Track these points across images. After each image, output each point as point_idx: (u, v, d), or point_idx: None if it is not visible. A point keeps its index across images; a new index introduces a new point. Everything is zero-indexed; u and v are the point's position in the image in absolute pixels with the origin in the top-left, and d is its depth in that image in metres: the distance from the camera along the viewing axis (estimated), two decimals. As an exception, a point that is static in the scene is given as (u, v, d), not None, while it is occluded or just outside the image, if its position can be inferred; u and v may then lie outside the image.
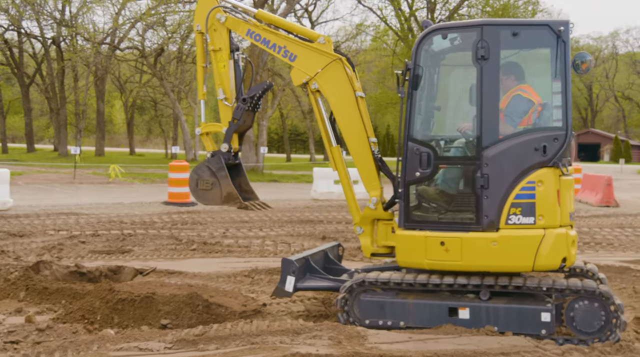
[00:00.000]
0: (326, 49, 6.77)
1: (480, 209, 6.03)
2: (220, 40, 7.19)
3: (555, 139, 6.00)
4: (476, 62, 6.04)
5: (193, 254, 10.51)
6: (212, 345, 5.32)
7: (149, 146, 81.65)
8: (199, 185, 7.24)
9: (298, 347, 5.21)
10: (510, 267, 6.02)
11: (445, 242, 6.05)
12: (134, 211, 15.99)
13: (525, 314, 5.91)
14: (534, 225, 5.95)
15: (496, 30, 6.06)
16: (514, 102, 6.28)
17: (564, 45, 6.02)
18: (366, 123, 6.75)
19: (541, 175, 5.95)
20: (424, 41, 6.25)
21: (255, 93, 7.22)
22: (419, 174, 6.21)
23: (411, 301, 6.13)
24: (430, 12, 38.59)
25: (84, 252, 10.26)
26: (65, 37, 45.57)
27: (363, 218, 6.80)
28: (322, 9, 58.44)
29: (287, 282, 6.62)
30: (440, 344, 5.50)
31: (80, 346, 5.37)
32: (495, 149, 6.02)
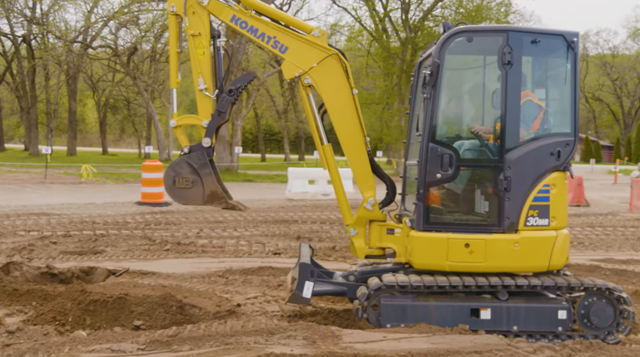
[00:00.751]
0: (321, 43, 6.51)
1: (502, 211, 6.19)
2: (200, 25, 6.63)
3: (567, 145, 6.29)
4: (502, 67, 6.17)
5: (167, 254, 10.43)
6: (185, 346, 5.28)
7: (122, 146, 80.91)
8: (176, 183, 6.66)
9: (272, 347, 5.20)
10: (529, 267, 6.27)
11: (470, 244, 6.16)
12: (106, 211, 15.83)
13: (544, 312, 6.16)
14: (548, 226, 6.23)
15: (520, 36, 6.21)
16: (526, 107, 6.40)
17: (574, 55, 6.30)
18: (361, 121, 6.66)
19: (554, 179, 6.26)
20: (448, 42, 6.26)
21: (240, 84, 6.73)
22: (440, 176, 6.25)
23: (433, 303, 6.18)
24: (404, 12, 38.71)
25: (56, 253, 10.14)
26: (36, 35, 44.95)
27: (358, 219, 6.73)
28: (296, 9, 58.32)
29: (305, 287, 6.37)
30: (414, 343, 5.53)
31: (51, 348, 5.30)
32: (517, 152, 6.20)
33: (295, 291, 6.39)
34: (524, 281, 6.16)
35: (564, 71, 6.40)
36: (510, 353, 5.29)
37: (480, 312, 6.13)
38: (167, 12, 6.83)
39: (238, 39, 29.99)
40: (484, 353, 5.27)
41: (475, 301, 6.21)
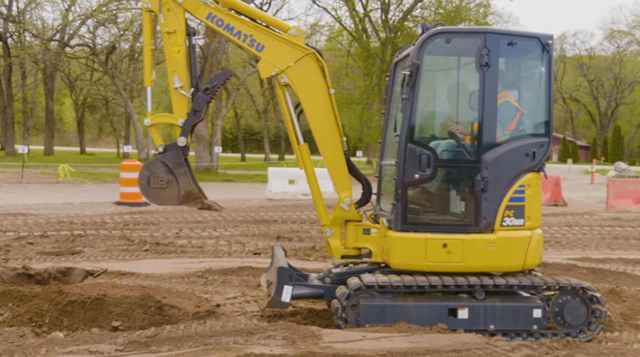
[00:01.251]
0: (298, 41, 6.48)
1: (479, 211, 6.26)
2: (175, 22, 6.53)
3: (541, 146, 6.39)
4: (479, 68, 6.23)
5: (145, 254, 10.37)
6: (164, 347, 5.26)
7: (100, 145, 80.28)
8: (151, 183, 6.55)
9: (252, 347, 5.19)
10: (505, 267, 6.36)
11: (447, 244, 6.20)
12: (84, 211, 15.69)
13: (519, 311, 6.26)
14: (523, 226, 6.33)
15: (497, 38, 6.27)
16: (503, 108, 6.45)
17: (549, 57, 6.40)
18: (338, 121, 6.64)
19: (529, 180, 6.36)
20: (427, 43, 6.28)
21: (217, 83, 6.66)
22: (418, 176, 6.27)
23: (411, 303, 6.21)
24: (384, 13, 38.84)
25: (32, 254, 10.04)
26: (13, 33, 44.38)
27: (334, 219, 6.71)
28: (276, 9, 58.23)
29: (284, 292, 6.30)
30: (393, 342, 5.55)
31: (27, 350, 5.24)
32: (494, 153, 6.27)
33: (274, 295, 6.32)
34: (502, 280, 6.23)
35: (538, 73, 6.50)
36: (488, 352, 5.33)
37: (458, 311, 6.19)
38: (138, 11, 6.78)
39: (218, 39, 29.88)
40: (462, 352, 5.31)
41: (453, 301, 6.27)
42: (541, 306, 6.27)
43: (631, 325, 6.83)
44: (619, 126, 78.89)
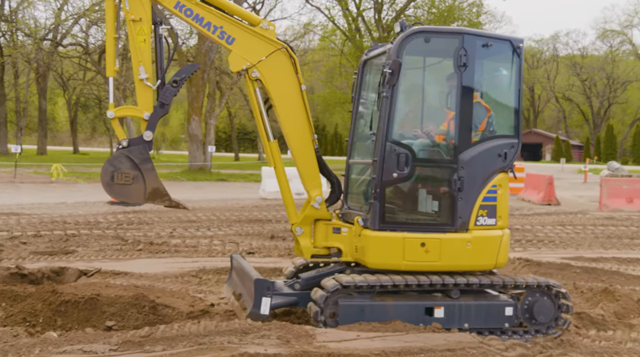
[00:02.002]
0: (269, 35, 6.34)
1: (455, 210, 6.29)
2: (141, 10, 6.25)
3: (512, 146, 6.47)
4: (457, 69, 6.25)
5: (139, 254, 10.35)
6: (158, 346, 5.25)
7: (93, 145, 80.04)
8: (115, 178, 6.22)
9: (246, 347, 5.19)
10: (479, 265, 6.41)
11: (425, 243, 6.21)
12: (77, 210, 15.65)
13: (492, 310, 6.33)
14: (495, 226, 6.39)
15: (474, 39, 6.31)
16: (474, 108, 6.43)
17: (518, 60, 6.48)
18: (309, 118, 6.56)
19: (500, 180, 6.43)
20: (405, 42, 6.23)
21: (185, 75, 6.40)
22: (396, 175, 6.25)
23: (390, 303, 6.20)
24: (377, 12, 38.93)
25: (26, 254, 10.02)
26: (5, 32, 44.21)
27: (305, 218, 6.62)
28: (270, 8, 58.18)
29: (263, 304, 6.17)
30: (387, 341, 5.56)
31: (21, 350, 5.23)
32: (469, 153, 6.31)
33: (253, 308, 6.16)
34: (475, 279, 6.29)
35: (509, 75, 6.58)
36: (482, 351, 5.35)
37: (434, 310, 6.22)
38: None
39: (207, 46, 29.86)
40: (456, 351, 5.32)
41: (429, 300, 6.32)
42: (512, 304, 6.35)
43: (624, 324, 6.87)
44: (611, 125, 79.18)
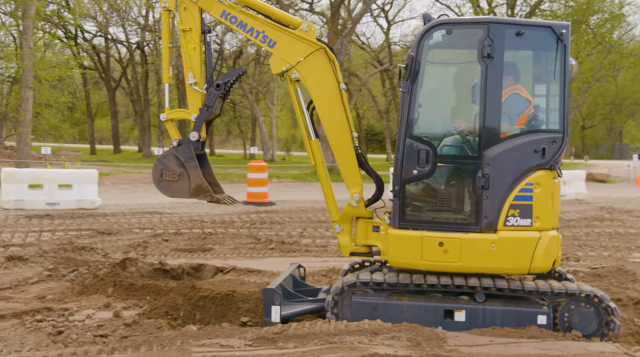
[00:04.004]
0: (309, 37, 6.44)
1: (480, 209, 5.96)
2: (191, 20, 6.68)
3: (553, 142, 5.97)
4: (481, 60, 5.93)
5: (271, 253, 10.64)
6: (291, 343, 5.37)
7: (228, 147, 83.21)
8: (164, 175, 6.71)
9: (376, 347, 5.19)
10: (507, 269, 6.00)
11: (444, 243, 5.95)
12: (214, 210, 16.33)
13: (522, 316, 5.88)
14: (531, 227, 5.93)
15: (502, 28, 5.95)
16: (512, 101, 6.13)
17: (564, 48, 5.97)
18: (348, 116, 6.54)
19: (539, 178, 5.95)
20: (426, 35, 6.06)
21: (229, 79, 6.74)
22: (417, 172, 6.06)
23: (406, 303, 6.04)
24: (510, 8, 37.67)
25: (167, 250, 10.56)
26: (149, 41, 47.06)
27: (343, 216, 6.60)
28: (398, 8, 58.06)
29: (273, 312, 6.24)
30: (522, 348, 5.36)
31: (164, 341, 5.52)
32: (497, 149, 5.94)
33: (265, 317, 6.25)
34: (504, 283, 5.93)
35: (552, 65, 6.03)
36: (626, 362, 5.04)
37: (454, 313, 5.92)
38: None
39: (340, 40, 30.18)
40: (597, 361, 5.05)
41: (451, 302, 6.00)
42: (546, 312, 5.85)
43: None
44: None
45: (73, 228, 12.63)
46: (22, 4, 25.94)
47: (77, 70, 41.12)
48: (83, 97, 54.14)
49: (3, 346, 5.59)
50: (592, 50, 40.93)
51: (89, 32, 48.23)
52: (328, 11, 35.74)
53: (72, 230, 12.42)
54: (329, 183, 6.70)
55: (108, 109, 56.48)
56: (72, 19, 38.76)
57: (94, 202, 16.18)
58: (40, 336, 5.85)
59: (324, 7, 50.11)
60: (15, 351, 5.46)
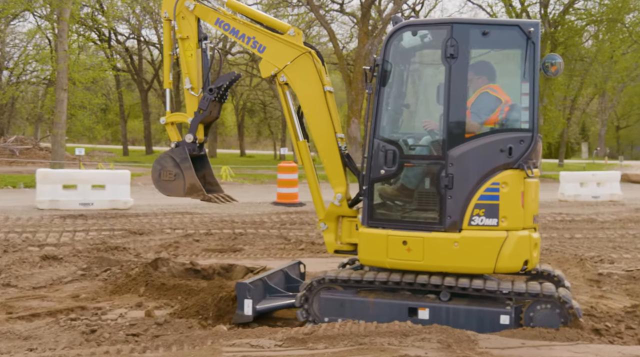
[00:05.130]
0: (296, 42, 6.66)
1: (444, 209, 5.98)
2: (188, 29, 7.03)
3: (521, 141, 5.94)
4: (445, 60, 5.97)
5: (301, 253, 10.65)
6: (320, 344, 5.37)
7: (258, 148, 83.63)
8: (161, 176, 7.04)
9: (407, 349, 5.16)
10: (471, 268, 6.01)
11: (407, 242, 6.01)
12: (244, 210, 16.43)
13: (485, 316, 5.87)
14: (497, 227, 5.91)
15: (466, 28, 5.98)
16: (481, 100, 6.15)
17: (533, 46, 5.94)
18: (334, 118, 6.64)
19: (506, 177, 5.92)
20: (393, 37, 6.17)
21: (222, 83, 7.01)
22: (384, 172, 6.15)
23: (371, 300, 6.11)
24: (543, 7, 37.14)
25: (198, 250, 10.64)
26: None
27: (328, 214, 6.72)
28: (429, 8, 57.73)
29: (245, 306, 6.44)
30: (555, 351, 5.29)
31: (195, 341, 5.57)
32: (461, 148, 5.95)
33: (237, 310, 6.49)
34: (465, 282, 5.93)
35: (522, 63, 5.98)
36: (663, 367, 4.94)
37: (418, 311, 5.95)
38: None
39: (370, 41, 30.11)
40: (633, 366, 4.96)
41: (415, 300, 6.03)
42: (509, 312, 5.81)
43: None
44: None
45: (106, 228, 12.81)
46: (57, 7, 26.38)
47: (111, 72, 41.75)
48: (116, 98, 54.86)
49: (38, 343, 5.69)
50: (627, 49, 40.19)
51: (122, 35, 48.87)
52: (359, 12, 35.70)
53: (105, 230, 12.60)
54: (316, 182, 6.89)
55: (140, 111, 57.16)
56: (105, 21, 39.33)
57: (126, 203, 16.38)
58: (73, 334, 5.94)
59: (354, 7, 50.07)
60: (49, 349, 5.55)
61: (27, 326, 6.21)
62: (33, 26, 44.72)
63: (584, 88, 45.24)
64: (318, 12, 32.18)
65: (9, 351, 5.49)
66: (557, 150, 52.97)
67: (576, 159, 62.96)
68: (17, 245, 10.56)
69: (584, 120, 70.30)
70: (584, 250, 11.27)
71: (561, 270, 9.05)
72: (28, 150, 35.46)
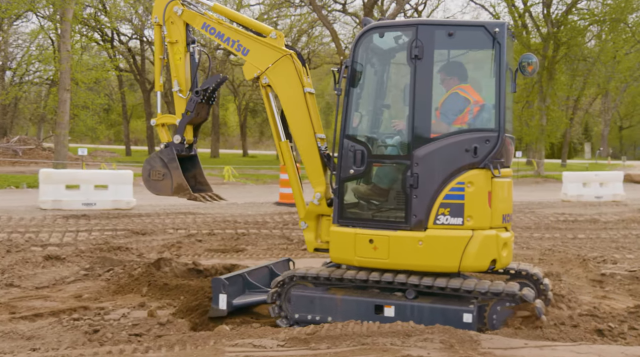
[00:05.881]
0: (277, 44, 6.76)
1: (409, 208, 6.06)
2: (177, 33, 7.18)
3: (487, 141, 5.97)
4: (410, 61, 6.05)
5: (304, 253, 10.65)
6: (323, 344, 5.37)
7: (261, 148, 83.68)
8: (151, 175, 7.21)
9: (409, 349, 5.16)
10: (435, 267, 6.07)
11: (374, 240, 6.11)
12: (247, 211, 16.43)
13: (448, 314, 5.92)
14: (462, 226, 5.95)
15: (431, 30, 6.06)
16: (450, 100, 6.23)
17: (499, 46, 5.97)
18: (314, 119, 6.73)
19: (471, 177, 5.97)
20: (361, 39, 6.29)
21: (208, 86, 7.16)
22: (353, 172, 6.25)
23: (339, 297, 6.21)
24: (546, 7, 37.10)
25: (201, 251, 10.65)
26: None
27: (308, 213, 6.82)
28: (432, 8, 57.66)
29: (220, 300, 6.61)
30: (558, 351, 5.29)
31: (198, 341, 5.57)
32: (426, 148, 6.03)
33: (212, 305, 6.66)
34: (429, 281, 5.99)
35: (488, 64, 6.04)
36: (666, 368, 4.93)
37: (384, 309, 6.04)
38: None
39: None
40: (636, 366, 4.95)
41: (381, 298, 6.13)
42: (471, 311, 5.85)
43: None
44: None
45: (109, 228, 12.82)
46: (60, 8, 26.42)
47: (113, 72, 41.80)
48: (119, 99, 54.88)
49: (41, 343, 5.70)
50: (630, 49, 40.09)
51: (125, 35, 48.86)
52: (361, 12, 35.72)
53: (108, 230, 12.62)
54: (298, 182, 7.02)
55: (143, 111, 57.18)
56: (108, 22, 39.33)
57: (129, 203, 16.41)
58: (76, 334, 5.95)
59: (357, 8, 50.06)
60: (52, 349, 5.56)
61: (30, 326, 6.22)
62: (36, 26, 44.78)
63: (587, 88, 45.20)
64: (320, 12, 32.18)
65: (12, 351, 5.50)
66: (560, 151, 52.92)
67: (579, 159, 62.86)
68: (20, 245, 10.58)
69: (586, 120, 70.20)
70: (586, 250, 11.26)
71: (564, 270, 9.05)
72: (31, 151, 35.52)
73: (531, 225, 14.59)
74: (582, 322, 6.12)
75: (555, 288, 7.42)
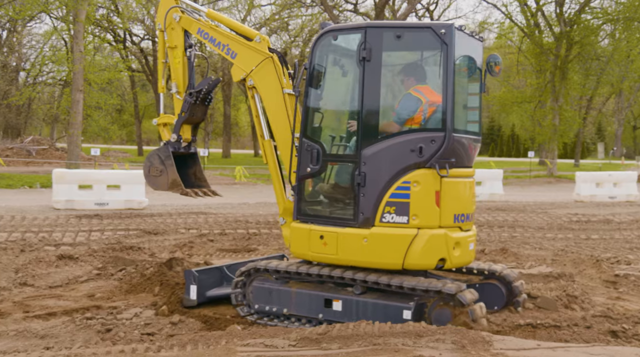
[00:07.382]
0: (261, 48, 7.00)
1: (357, 206, 6.19)
2: (176, 38, 7.57)
3: (432, 141, 6.02)
4: (359, 63, 6.18)
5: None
6: (334, 344, 5.36)
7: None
8: (150, 171, 7.56)
9: (421, 350, 5.14)
10: (380, 263, 6.18)
11: (324, 236, 6.28)
12: (258, 210, 16.46)
13: (389, 310, 5.99)
14: (407, 224, 6.03)
15: (379, 32, 6.17)
16: (404, 101, 6.32)
17: (446, 47, 5.99)
18: (290, 119, 6.85)
19: (417, 176, 6.04)
20: (318, 42, 6.48)
21: (201, 88, 7.49)
22: (310, 170, 6.44)
23: (294, 290, 6.42)
24: (558, 6, 36.90)
25: (213, 250, 10.68)
26: (195, 44, 47.61)
27: (285, 210, 6.99)
28: (444, 8, 57.50)
29: (191, 291, 6.99)
30: (571, 353, 5.25)
31: (209, 340, 5.58)
32: (373, 148, 6.14)
33: (185, 295, 7.05)
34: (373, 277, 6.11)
35: (437, 65, 6.11)
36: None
37: (333, 303, 6.21)
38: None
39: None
40: (650, 368, 4.91)
41: (330, 292, 6.31)
42: (411, 308, 5.95)
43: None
44: None
45: (121, 228, 12.89)
46: (73, 9, 26.58)
47: (126, 73, 41.99)
48: (131, 99, 55.13)
49: (54, 342, 5.73)
50: (644, 48, 39.82)
51: (137, 36, 49.09)
52: (372, 12, 35.69)
53: (121, 230, 12.68)
54: (279, 179, 7.19)
55: (155, 111, 57.34)
56: (121, 23, 39.57)
57: (141, 203, 16.48)
58: (89, 333, 5.98)
59: (368, 7, 49.96)
60: (65, 348, 5.59)
61: (43, 325, 6.26)
62: (49, 28, 45.13)
63: (600, 87, 44.93)
64: (332, 12, 32.18)
65: (26, 350, 5.54)
66: (573, 151, 52.64)
67: (592, 159, 62.49)
68: (33, 244, 10.65)
69: (600, 120, 69.78)
70: (600, 251, 11.19)
71: (577, 271, 9.00)
72: (44, 151, 35.76)
73: (544, 225, 14.52)
74: (595, 323, 6.10)
75: (569, 289, 7.38)
